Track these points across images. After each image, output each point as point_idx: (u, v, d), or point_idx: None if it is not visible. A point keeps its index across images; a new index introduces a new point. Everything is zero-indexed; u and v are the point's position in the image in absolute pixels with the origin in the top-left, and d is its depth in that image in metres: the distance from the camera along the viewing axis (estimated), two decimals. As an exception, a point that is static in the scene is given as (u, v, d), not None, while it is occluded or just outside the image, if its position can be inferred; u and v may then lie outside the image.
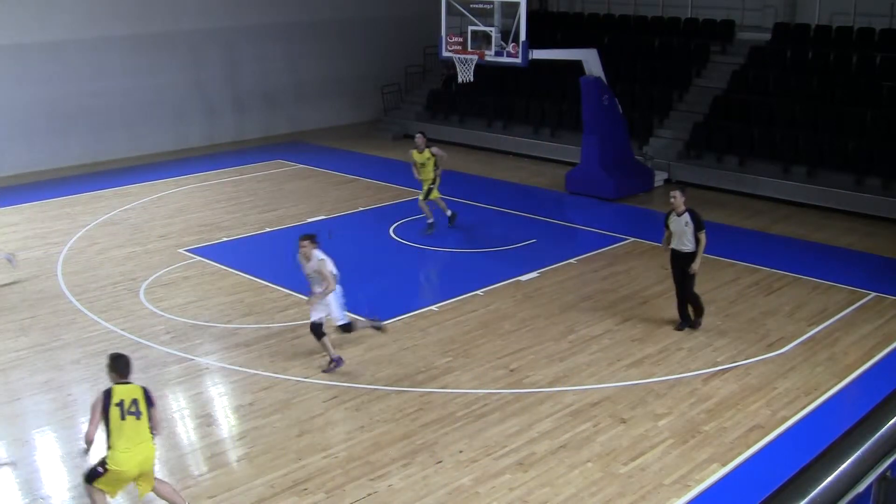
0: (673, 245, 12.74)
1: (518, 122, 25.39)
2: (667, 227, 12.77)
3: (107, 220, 18.66)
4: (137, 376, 11.50)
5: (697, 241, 12.47)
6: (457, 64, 19.41)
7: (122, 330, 12.94)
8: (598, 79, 19.93)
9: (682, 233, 12.52)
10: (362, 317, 12.22)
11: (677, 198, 12.56)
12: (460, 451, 9.63)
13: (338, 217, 18.58)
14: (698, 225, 12.43)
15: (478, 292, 14.36)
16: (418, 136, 17.63)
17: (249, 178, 22.27)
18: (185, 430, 10.40)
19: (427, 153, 17.32)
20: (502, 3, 18.71)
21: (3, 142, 22.46)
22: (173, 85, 25.33)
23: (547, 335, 12.70)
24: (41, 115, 22.93)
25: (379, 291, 14.55)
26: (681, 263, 12.68)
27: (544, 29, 26.67)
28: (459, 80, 19.69)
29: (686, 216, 12.46)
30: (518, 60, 18.69)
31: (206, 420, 10.56)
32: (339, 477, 9.17)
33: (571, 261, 15.89)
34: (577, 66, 20.09)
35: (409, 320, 13.29)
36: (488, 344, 12.40)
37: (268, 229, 17.91)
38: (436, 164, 17.28)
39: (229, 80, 26.55)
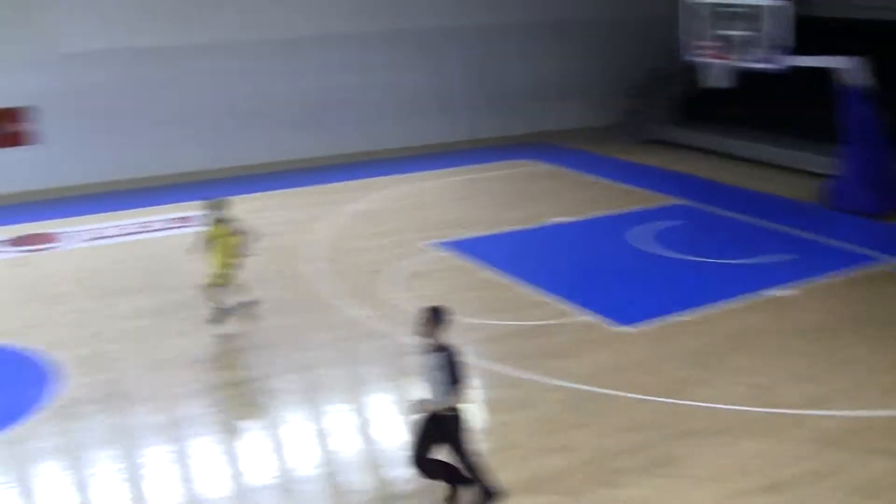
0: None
1: (773, 131, 24.22)
2: None
3: (355, 210, 19.61)
4: (379, 363, 11.98)
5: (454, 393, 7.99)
6: (708, 68, 18.85)
7: (367, 318, 13.43)
8: (862, 88, 18.71)
9: (431, 380, 8.10)
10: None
11: (423, 323, 8.17)
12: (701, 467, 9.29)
13: (576, 221, 18.53)
14: (453, 375, 7.93)
15: (731, 304, 13.81)
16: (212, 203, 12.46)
17: (495, 177, 22.67)
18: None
19: (224, 228, 12.32)
20: (763, 7, 17.94)
21: (288, 130, 24.28)
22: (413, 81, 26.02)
23: (802, 354, 12.00)
24: (314, 106, 24.50)
25: (621, 298, 14.39)
26: (431, 423, 8.18)
27: (806, 34, 25.33)
28: (712, 85, 19.10)
29: (440, 357, 8.02)
30: (777, 66, 17.86)
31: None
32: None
33: (831, 279, 14.93)
34: (839, 74, 18.95)
35: (661, 326, 13.04)
36: (736, 358, 11.88)
37: (520, 227, 18.21)
38: (236, 245, 12.43)
39: (468, 79, 26.86)
